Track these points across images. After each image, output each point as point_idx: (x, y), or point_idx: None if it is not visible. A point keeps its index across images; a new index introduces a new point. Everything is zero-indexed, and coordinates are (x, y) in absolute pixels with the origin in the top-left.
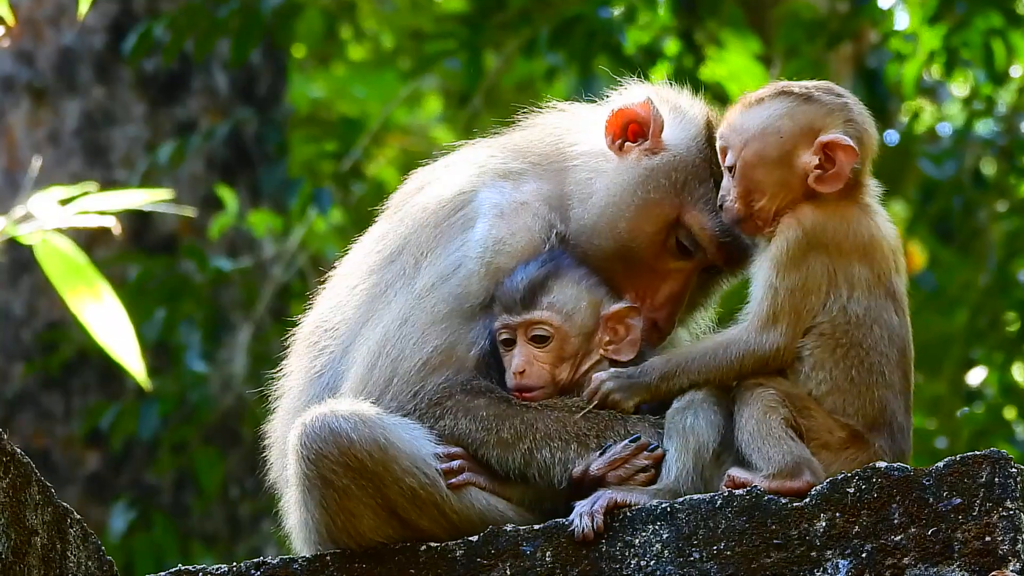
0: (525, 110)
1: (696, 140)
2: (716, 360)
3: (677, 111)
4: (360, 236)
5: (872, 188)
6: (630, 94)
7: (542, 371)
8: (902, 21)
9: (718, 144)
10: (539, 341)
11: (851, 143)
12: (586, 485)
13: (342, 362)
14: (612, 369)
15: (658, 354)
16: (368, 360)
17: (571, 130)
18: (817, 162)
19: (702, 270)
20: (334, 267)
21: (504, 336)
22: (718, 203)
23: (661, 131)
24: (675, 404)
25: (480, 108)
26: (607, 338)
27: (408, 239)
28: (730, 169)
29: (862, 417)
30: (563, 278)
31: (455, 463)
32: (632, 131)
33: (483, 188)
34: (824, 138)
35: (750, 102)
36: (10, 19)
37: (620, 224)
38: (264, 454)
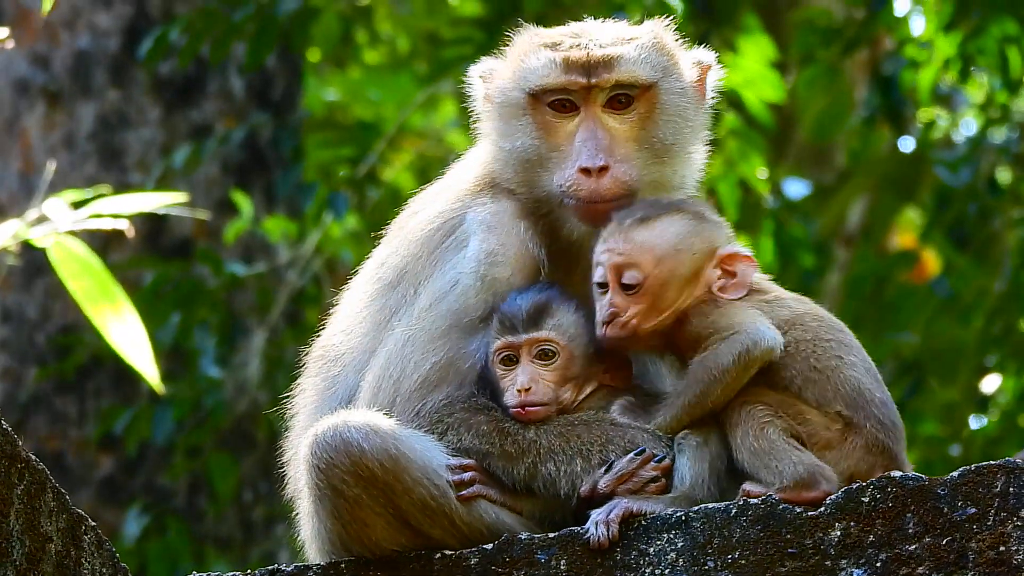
0: None
1: (514, 56)
2: (716, 370)
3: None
4: (375, 242)
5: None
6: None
7: (548, 388)
8: (917, 28)
9: (608, 258)
10: (545, 357)
11: (749, 253)
12: (596, 502)
13: (353, 386)
14: (622, 401)
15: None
16: (373, 383)
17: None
18: (719, 274)
19: (611, 108)
20: (349, 274)
21: (505, 354)
22: (603, 320)
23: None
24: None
25: None
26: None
27: (406, 268)
28: (629, 287)
29: (842, 399)
30: (562, 305)
31: (467, 475)
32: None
33: (469, 209)
34: (723, 252)
35: (644, 219)
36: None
37: (516, 162)
38: (279, 459)
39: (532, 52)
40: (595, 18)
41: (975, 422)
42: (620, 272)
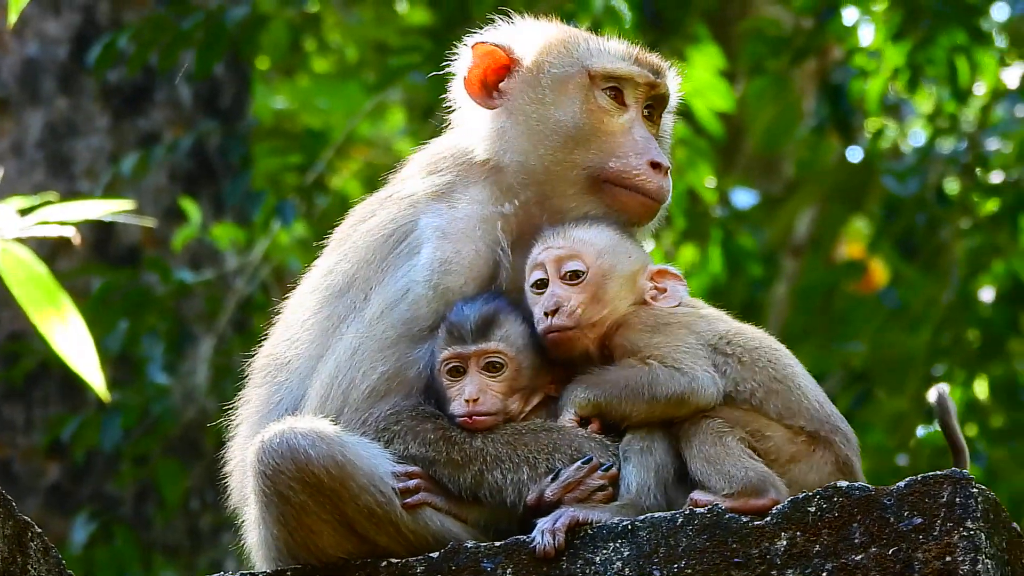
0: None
1: (545, 29)
2: (647, 393)
3: (509, 27)
4: (321, 250)
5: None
6: (462, 57)
7: (495, 399)
8: (866, 37)
9: (549, 254)
10: (492, 369)
11: (679, 272)
12: (543, 511)
13: (299, 395)
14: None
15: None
16: (321, 392)
17: (461, 115)
18: (652, 287)
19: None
20: (295, 282)
21: (453, 365)
22: (546, 310)
23: (513, 54)
24: (629, 434)
25: (444, 121)
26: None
27: (356, 275)
28: (573, 276)
29: (807, 413)
30: (510, 315)
31: (412, 482)
32: (493, 76)
33: (422, 215)
34: (653, 267)
35: (580, 222)
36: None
37: (554, 133)
38: (226, 465)
39: (599, 37)
40: None
41: (922, 431)
42: (562, 263)
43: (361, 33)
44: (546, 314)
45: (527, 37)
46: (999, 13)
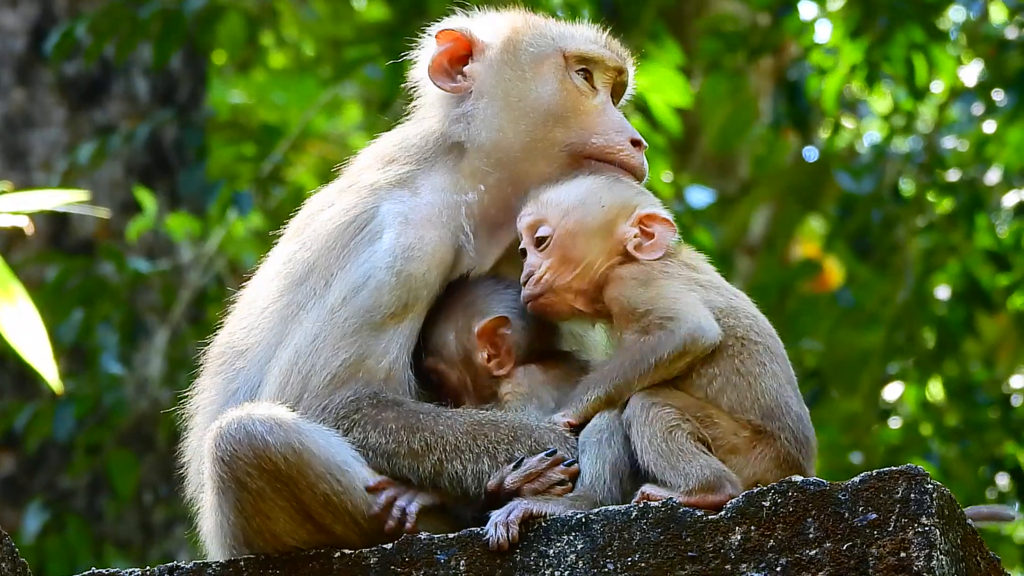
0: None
1: (510, 15)
2: (652, 357)
3: (470, 16)
4: (276, 242)
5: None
6: (426, 46)
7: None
8: (824, 35)
9: (523, 222)
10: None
11: (669, 217)
12: (502, 498)
13: (257, 381)
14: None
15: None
16: (281, 377)
17: (422, 104)
18: (636, 232)
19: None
20: (249, 276)
21: None
22: (522, 280)
23: (477, 39)
24: (589, 425)
25: (401, 116)
26: (486, 355)
27: (316, 262)
28: (540, 242)
29: (759, 409)
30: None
31: (382, 497)
32: (455, 63)
33: (384, 202)
34: (642, 211)
35: (557, 184)
36: None
37: (533, 110)
38: (178, 459)
39: (571, 22)
40: None
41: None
42: (532, 230)
43: (317, 28)
44: (522, 283)
45: (491, 23)
46: (957, 14)
